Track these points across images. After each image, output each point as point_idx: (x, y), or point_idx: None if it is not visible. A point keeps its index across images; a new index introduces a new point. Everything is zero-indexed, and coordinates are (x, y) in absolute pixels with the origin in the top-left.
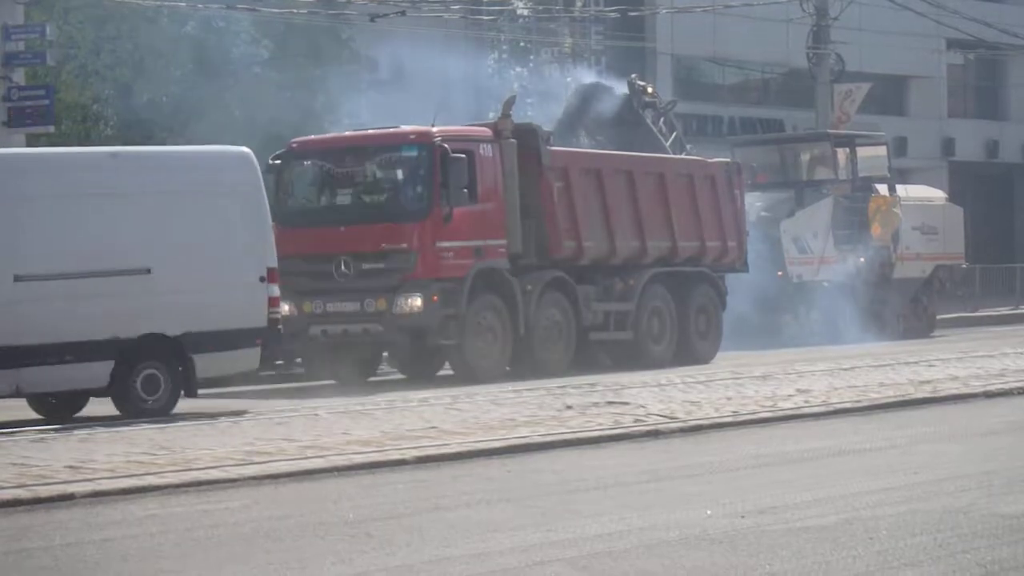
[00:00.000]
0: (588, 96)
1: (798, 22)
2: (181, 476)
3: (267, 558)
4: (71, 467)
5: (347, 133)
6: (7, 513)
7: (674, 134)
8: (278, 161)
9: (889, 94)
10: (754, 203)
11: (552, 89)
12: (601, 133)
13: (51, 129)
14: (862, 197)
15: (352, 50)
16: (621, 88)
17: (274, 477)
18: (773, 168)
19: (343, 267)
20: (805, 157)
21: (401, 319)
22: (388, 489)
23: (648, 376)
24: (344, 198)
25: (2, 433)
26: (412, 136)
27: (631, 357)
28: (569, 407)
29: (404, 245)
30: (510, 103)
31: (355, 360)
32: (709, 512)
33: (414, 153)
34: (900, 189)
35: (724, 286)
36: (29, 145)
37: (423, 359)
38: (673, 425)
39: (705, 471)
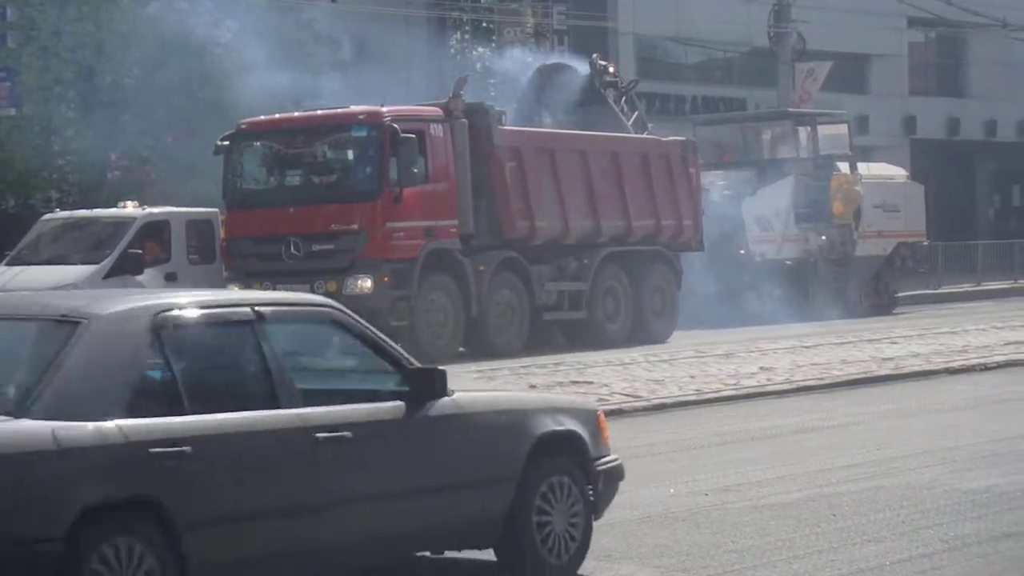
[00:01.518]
0: (550, 76)
1: (760, 1)
2: None
3: None
4: None
5: (296, 113)
6: None
7: (636, 113)
8: (227, 142)
9: (850, 72)
10: (716, 182)
11: (514, 69)
12: (563, 113)
13: (12, 112)
14: (824, 175)
15: (313, 31)
16: (583, 68)
17: None
18: (735, 147)
19: (293, 248)
20: (767, 136)
21: (351, 300)
22: None
23: (611, 355)
24: (294, 179)
25: None
26: (361, 116)
27: (586, 337)
28: (533, 387)
29: (354, 226)
30: (461, 83)
31: None
32: (672, 490)
33: (364, 133)
34: (861, 167)
35: (680, 265)
36: None
37: None
38: (637, 404)
39: (669, 449)
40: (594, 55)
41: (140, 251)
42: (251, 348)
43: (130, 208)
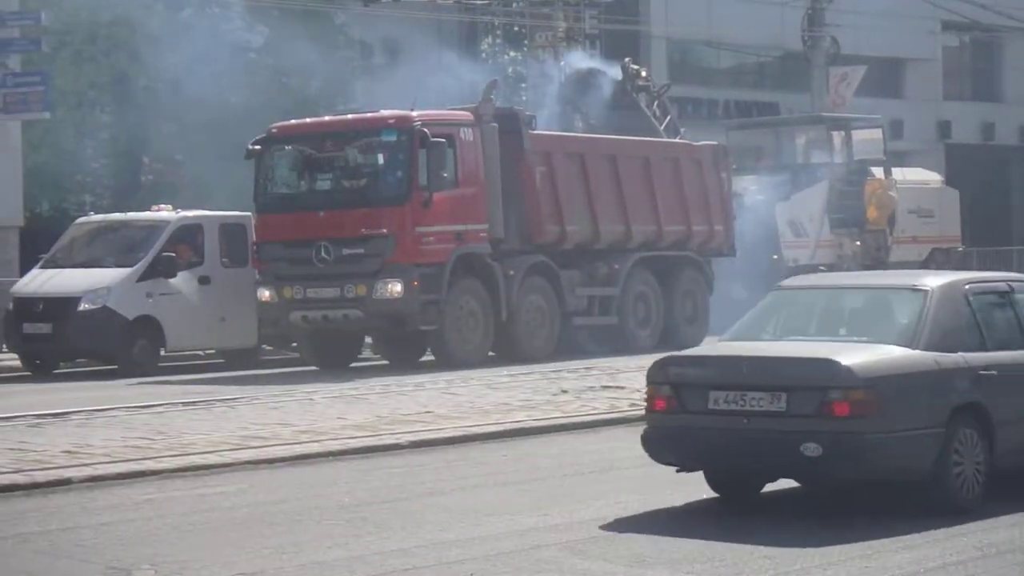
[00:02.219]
0: (583, 81)
1: (793, 5)
2: (177, 461)
3: (263, 542)
4: (68, 452)
5: (327, 118)
6: (4, 498)
7: (668, 118)
8: (258, 147)
9: (885, 77)
10: (749, 186)
11: (546, 73)
12: (595, 117)
13: (47, 115)
14: (858, 180)
15: (346, 36)
16: (615, 72)
17: (270, 462)
18: (769, 151)
19: (323, 252)
20: (801, 140)
21: (381, 305)
22: (383, 473)
23: (644, 360)
24: (324, 183)
25: (0, 418)
26: (391, 120)
27: (616, 342)
28: (564, 391)
29: (384, 230)
30: (491, 87)
31: (337, 346)
32: (704, 495)
33: (393, 137)
34: (896, 172)
35: (711, 271)
36: (25, 132)
37: (405, 345)
38: None
39: None
40: (626, 59)
41: (173, 254)
42: (1009, 307)
43: (164, 212)
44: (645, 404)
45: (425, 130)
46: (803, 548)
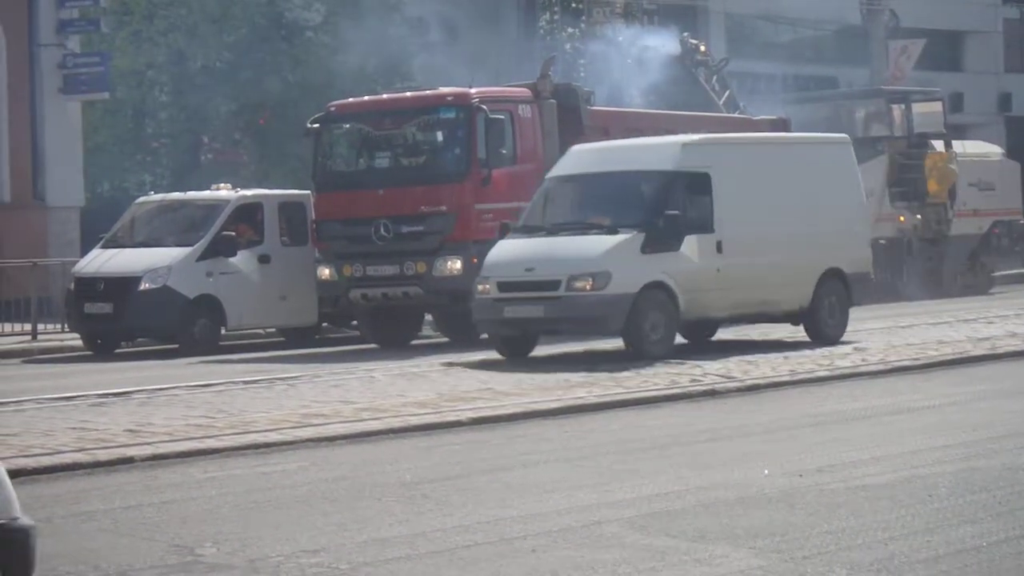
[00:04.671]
0: (640, 56)
1: None
2: (239, 439)
3: (325, 520)
4: (130, 431)
5: (385, 95)
6: (68, 477)
7: (727, 92)
8: (316, 125)
9: (944, 50)
10: None
11: (604, 49)
12: (653, 92)
13: (106, 95)
14: (918, 154)
15: (403, 13)
16: (673, 47)
17: (330, 439)
18: (828, 125)
19: (382, 230)
20: (860, 114)
21: (441, 282)
22: (444, 451)
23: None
24: (383, 161)
25: (62, 397)
26: (450, 98)
27: None
28: (625, 367)
29: (443, 207)
30: (549, 63)
31: (396, 323)
32: (767, 471)
33: (452, 115)
34: (956, 145)
35: None
36: (85, 112)
37: (465, 322)
38: (730, 384)
39: (762, 430)
40: (684, 34)
41: (233, 233)
42: None
43: (223, 191)
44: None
45: (484, 107)
46: (863, 521)
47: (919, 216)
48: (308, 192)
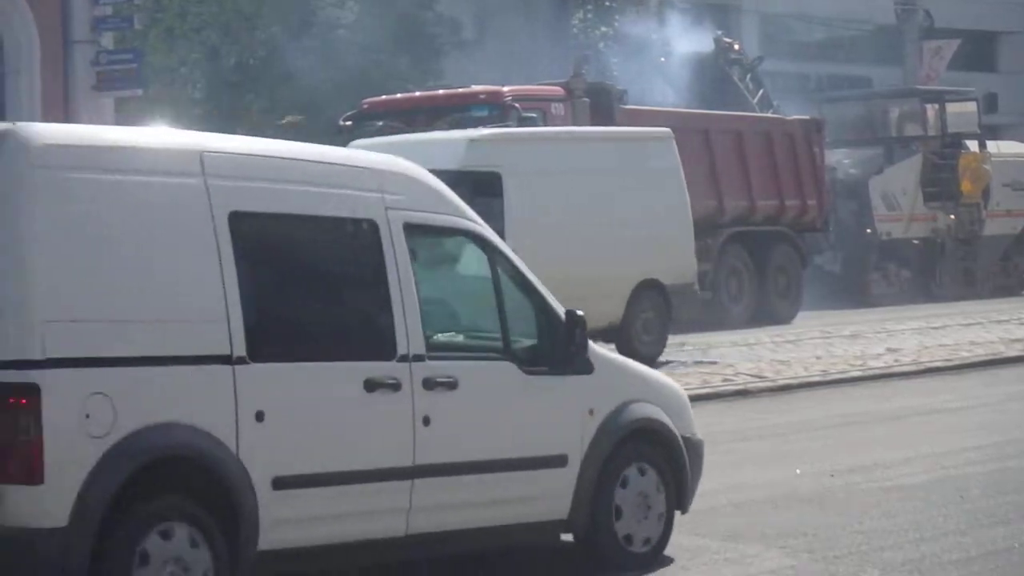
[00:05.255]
0: (673, 55)
1: None
2: None
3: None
4: None
5: (418, 93)
6: None
7: (761, 91)
8: (349, 122)
9: (978, 50)
10: (842, 160)
11: (637, 48)
12: (687, 91)
13: (139, 93)
14: (952, 154)
15: (436, 11)
16: (707, 46)
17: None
18: (862, 125)
19: None
20: (894, 114)
21: None
22: None
23: (736, 335)
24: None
25: None
26: (483, 96)
27: (709, 317)
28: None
29: None
30: (582, 62)
31: None
32: (798, 471)
33: (485, 113)
34: (990, 145)
35: (804, 245)
36: (118, 109)
37: None
38: (762, 384)
39: (794, 430)
40: (718, 32)
41: None
42: None
43: None
44: None
45: (516, 105)
46: (895, 521)
47: (952, 216)
48: None
